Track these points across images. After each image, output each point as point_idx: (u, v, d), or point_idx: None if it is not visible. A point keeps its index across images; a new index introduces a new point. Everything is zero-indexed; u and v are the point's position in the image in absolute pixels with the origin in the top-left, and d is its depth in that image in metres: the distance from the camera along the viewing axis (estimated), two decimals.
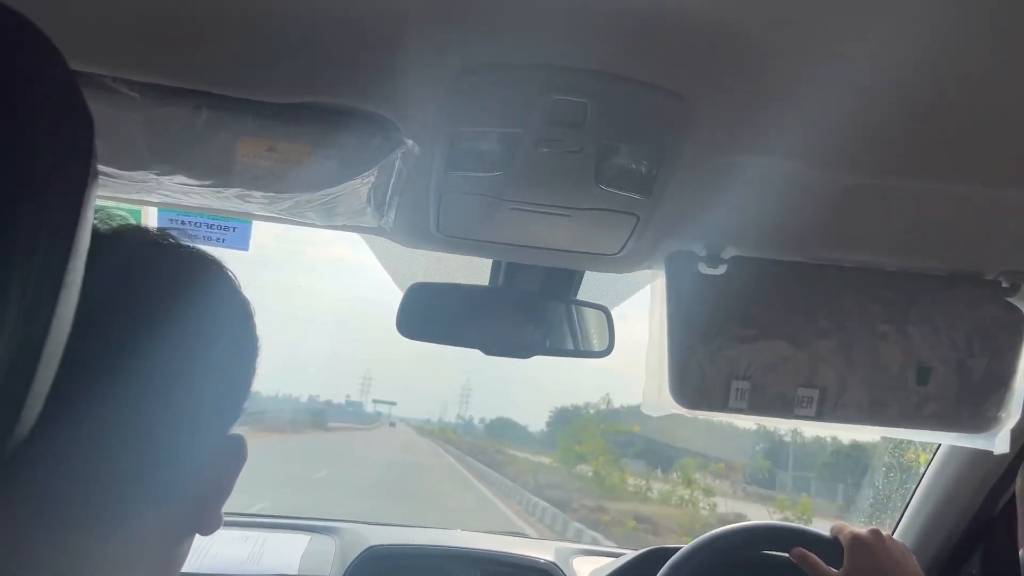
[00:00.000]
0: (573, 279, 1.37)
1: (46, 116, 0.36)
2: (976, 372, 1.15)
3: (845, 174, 0.97)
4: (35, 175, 0.35)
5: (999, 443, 1.17)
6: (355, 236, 1.44)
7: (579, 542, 1.97)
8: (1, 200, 0.34)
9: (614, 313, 1.42)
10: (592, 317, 1.39)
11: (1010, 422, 1.15)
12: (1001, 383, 1.14)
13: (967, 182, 0.96)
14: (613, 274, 1.32)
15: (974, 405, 1.15)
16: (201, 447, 0.63)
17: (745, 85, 0.82)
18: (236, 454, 0.66)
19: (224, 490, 0.66)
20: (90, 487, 0.57)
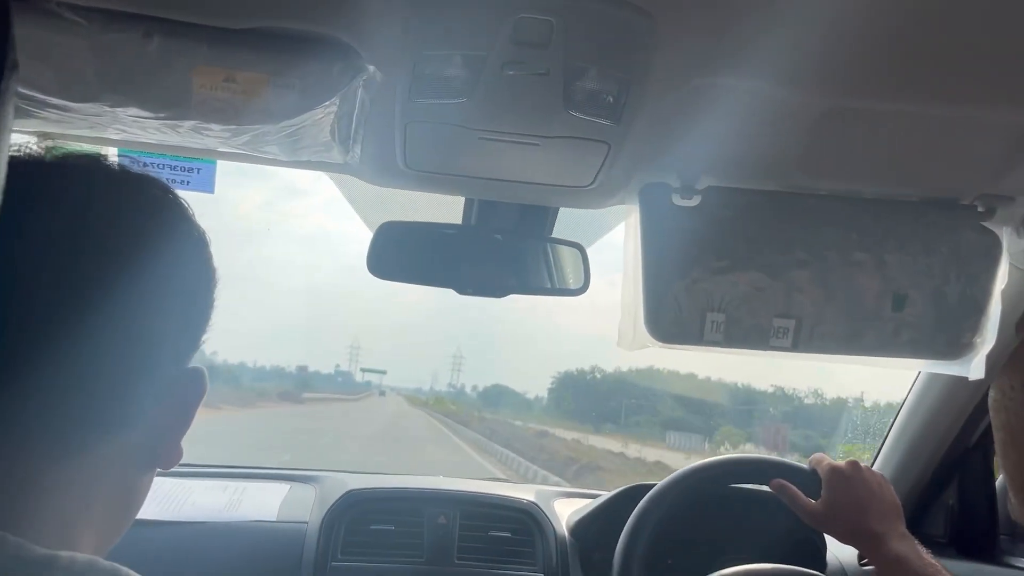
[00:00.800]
0: (547, 217, 1.35)
1: None
2: (952, 298, 1.14)
3: (820, 97, 0.95)
4: None
5: (974, 369, 1.16)
6: (337, 204, 1.41)
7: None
8: None
9: (589, 251, 1.40)
10: (567, 255, 1.38)
11: (985, 348, 1.15)
12: (977, 308, 1.14)
13: (943, 103, 0.94)
14: (588, 211, 1.30)
15: (950, 331, 1.15)
16: (160, 377, 0.62)
17: (716, 3, 0.80)
18: (196, 385, 0.66)
19: (183, 421, 0.66)
20: (46, 413, 0.56)
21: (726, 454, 1.38)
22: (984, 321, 1.15)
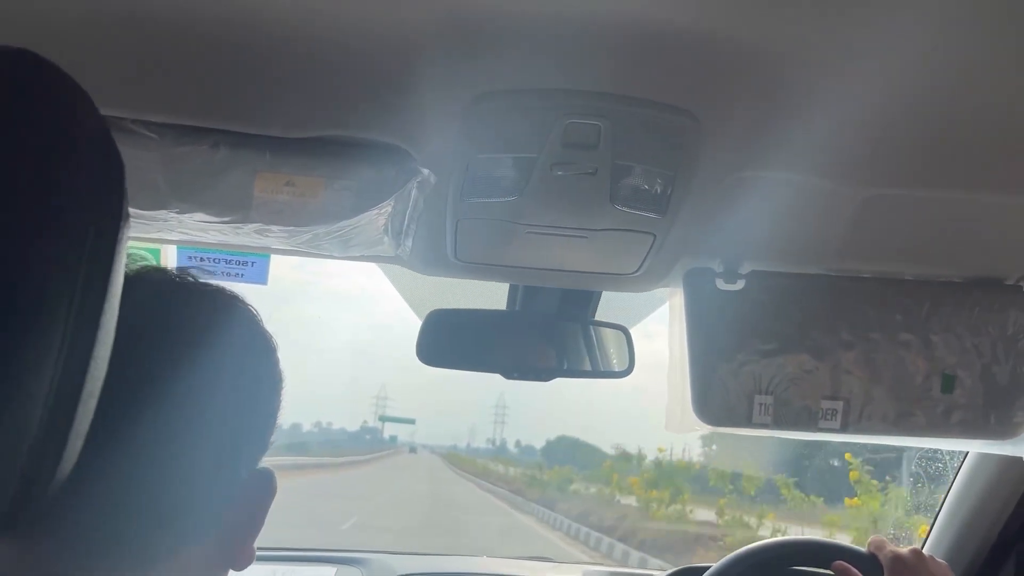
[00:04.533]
0: (591, 299, 1.37)
1: (81, 162, 0.37)
2: (1001, 378, 1.14)
3: (860, 186, 0.97)
4: (71, 220, 0.36)
5: None
6: (371, 265, 1.45)
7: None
8: (41, 246, 0.34)
9: (634, 332, 1.42)
10: (611, 337, 1.39)
11: None
12: None
13: (982, 190, 0.96)
14: (632, 293, 1.32)
15: (1001, 411, 1.14)
16: (231, 482, 0.64)
17: (756, 102, 0.83)
18: (266, 487, 0.67)
19: (256, 524, 0.67)
20: (123, 524, 0.58)
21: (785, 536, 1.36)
22: None
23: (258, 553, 1.75)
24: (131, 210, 0.92)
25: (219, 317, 0.66)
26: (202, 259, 1.22)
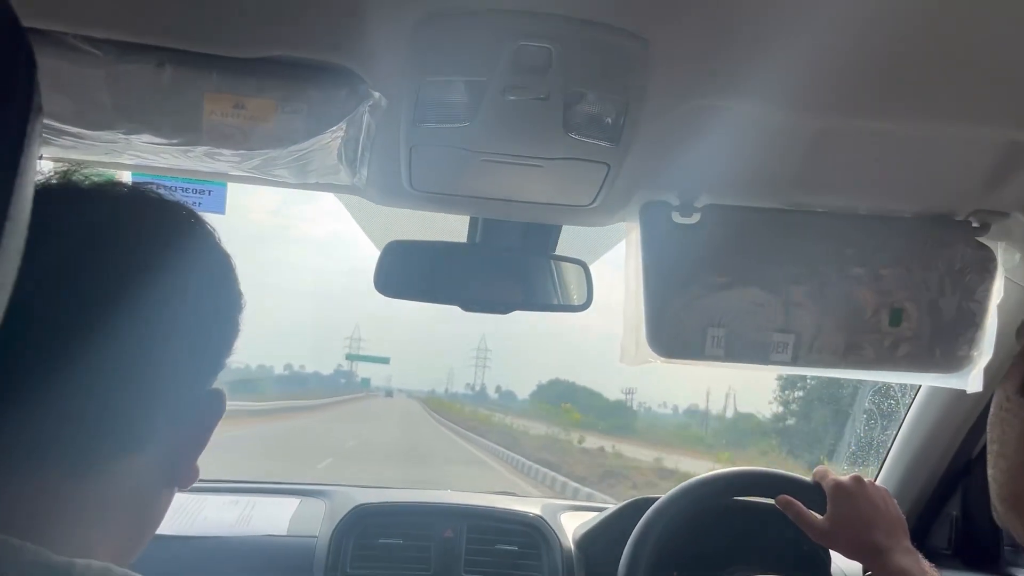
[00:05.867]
0: (551, 234, 1.37)
1: None
2: (948, 312, 1.16)
3: (813, 117, 0.97)
4: None
5: (972, 382, 1.18)
6: (345, 211, 1.44)
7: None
8: None
9: (594, 268, 1.42)
10: (571, 272, 1.40)
11: (982, 361, 1.17)
12: (973, 322, 1.16)
13: (934, 121, 0.96)
14: (591, 229, 1.32)
15: (946, 345, 1.16)
16: (179, 398, 0.64)
17: (709, 27, 0.82)
18: (214, 408, 0.67)
19: (199, 443, 0.68)
20: (63, 431, 0.58)
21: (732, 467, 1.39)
22: (981, 335, 1.16)
23: (221, 485, 1.76)
24: (77, 130, 0.91)
25: (179, 232, 0.66)
26: (157, 186, 1.21)
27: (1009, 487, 0.56)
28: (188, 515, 1.54)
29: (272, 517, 1.61)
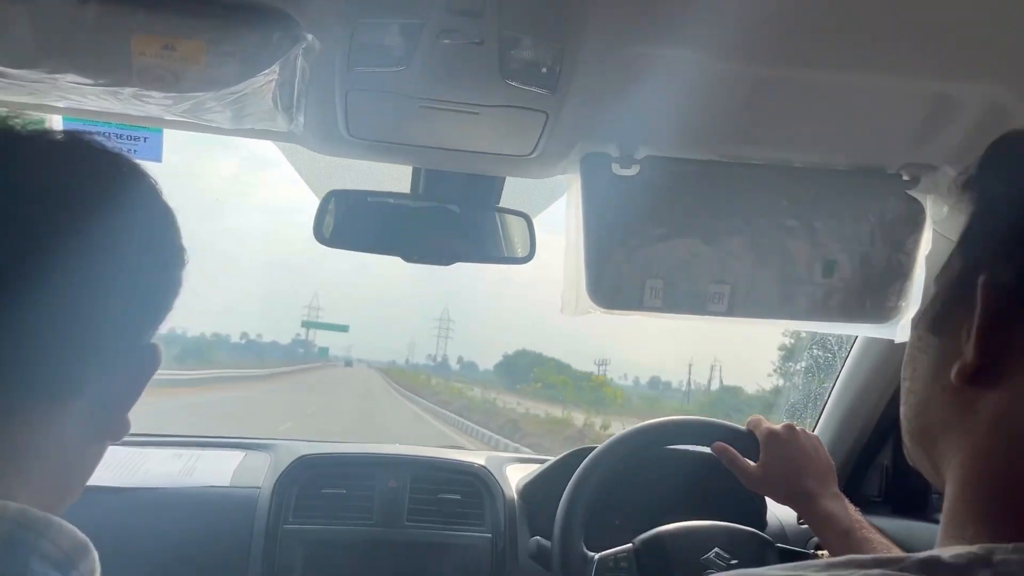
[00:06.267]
0: (494, 186, 1.37)
1: None
2: (878, 264, 1.19)
3: (750, 66, 0.98)
4: None
5: (900, 332, 1.21)
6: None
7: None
8: None
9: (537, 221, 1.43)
10: (514, 224, 1.40)
11: (910, 311, 1.20)
12: (901, 274, 1.19)
13: (868, 73, 0.98)
14: (534, 183, 1.32)
15: (876, 296, 1.19)
16: (111, 349, 0.63)
17: None
18: (148, 362, 0.66)
19: (131, 395, 0.66)
20: None
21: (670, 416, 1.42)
22: (909, 286, 1.20)
23: (165, 440, 1.74)
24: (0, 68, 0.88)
25: (116, 182, 0.65)
26: (90, 133, 1.18)
27: (916, 421, 0.58)
28: (130, 468, 1.53)
29: (215, 469, 1.61)
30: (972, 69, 0.95)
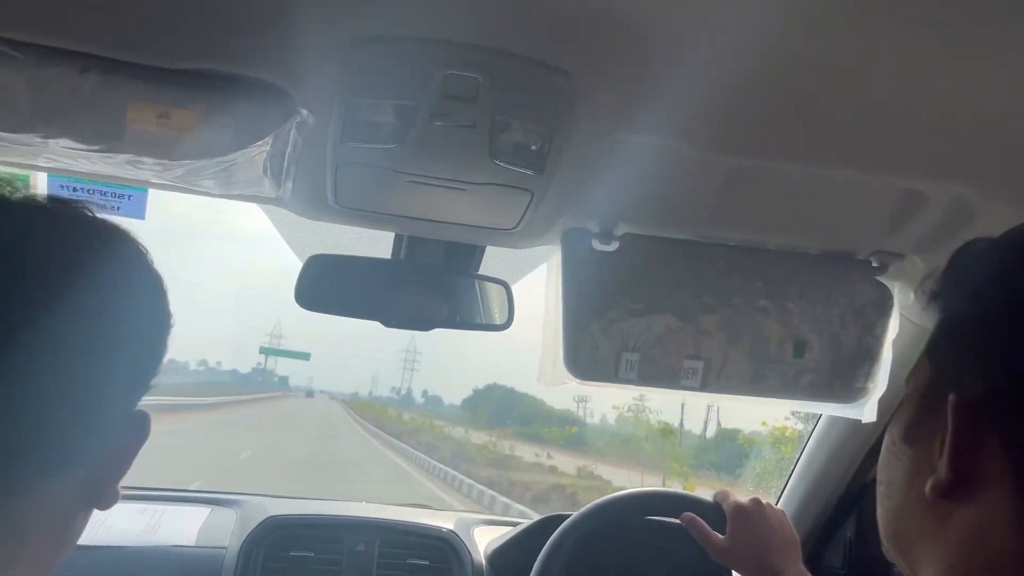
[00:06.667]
0: (475, 254, 1.39)
1: None
2: (848, 346, 1.22)
3: (726, 155, 1.02)
4: None
5: (867, 412, 1.25)
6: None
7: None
8: None
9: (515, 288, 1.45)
10: (493, 292, 1.42)
11: (876, 393, 1.23)
12: (869, 356, 1.22)
13: (840, 167, 1.02)
14: (515, 250, 1.35)
15: (845, 377, 1.23)
16: (104, 421, 0.63)
17: (630, 67, 0.86)
18: (139, 430, 0.66)
19: (123, 465, 0.66)
20: None
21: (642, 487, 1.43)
22: (876, 368, 1.23)
23: (130, 493, 1.71)
24: None
25: (97, 249, 0.65)
26: (76, 189, 1.18)
27: (892, 527, 0.60)
28: (93, 523, 1.50)
29: (180, 527, 1.58)
30: (940, 168, 1.00)
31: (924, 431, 0.55)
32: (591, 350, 1.21)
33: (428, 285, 1.37)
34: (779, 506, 1.60)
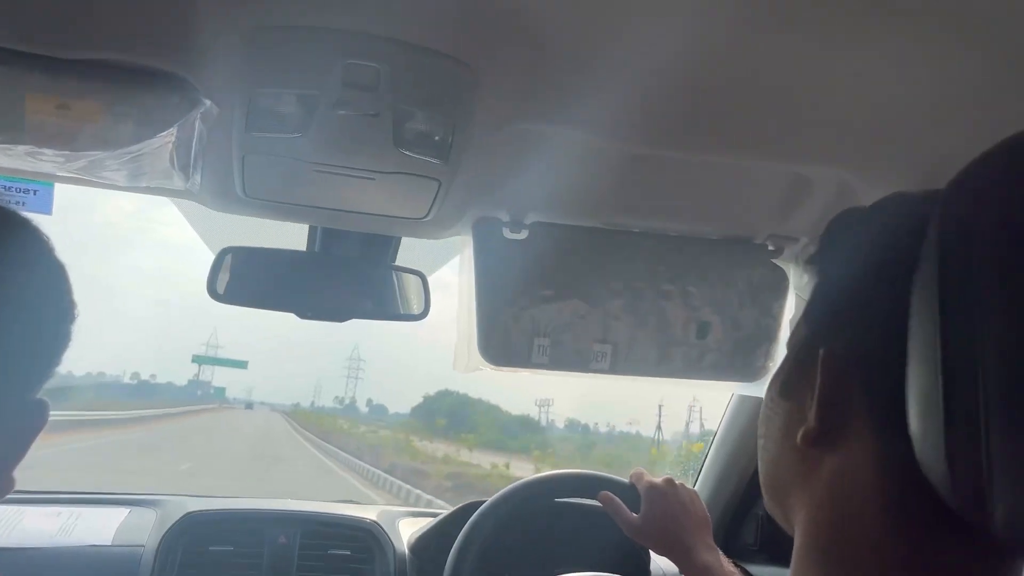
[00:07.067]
0: (390, 245, 1.41)
1: None
2: (747, 326, 1.28)
3: (627, 144, 1.06)
4: None
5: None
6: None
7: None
8: None
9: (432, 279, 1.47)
10: (410, 282, 1.44)
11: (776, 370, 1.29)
12: (768, 336, 1.28)
13: (733, 155, 1.07)
14: (430, 242, 1.37)
15: (746, 356, 1.29)
16: (1, 406, 0.63)
17: (529, 58, 0.89)
18: (36, 417, 0.66)
19: (19, 452, 0.66)
20: None
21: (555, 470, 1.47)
22: (775, 348, 1.29)
23: (45, 496, 1.67)
24: None
25: (8, 240, 0.64)
26: None
27: (770, 478, 0.64)
28: (3, 526, 1.47)
29: (97, 527, 1.56)
30: (824, 154, 1.05)
31: (798, 386, 0.59)
32: (504, 336, 1.24)
33: (344, 277, 1.39)
34: (695, 487, 1.66)
